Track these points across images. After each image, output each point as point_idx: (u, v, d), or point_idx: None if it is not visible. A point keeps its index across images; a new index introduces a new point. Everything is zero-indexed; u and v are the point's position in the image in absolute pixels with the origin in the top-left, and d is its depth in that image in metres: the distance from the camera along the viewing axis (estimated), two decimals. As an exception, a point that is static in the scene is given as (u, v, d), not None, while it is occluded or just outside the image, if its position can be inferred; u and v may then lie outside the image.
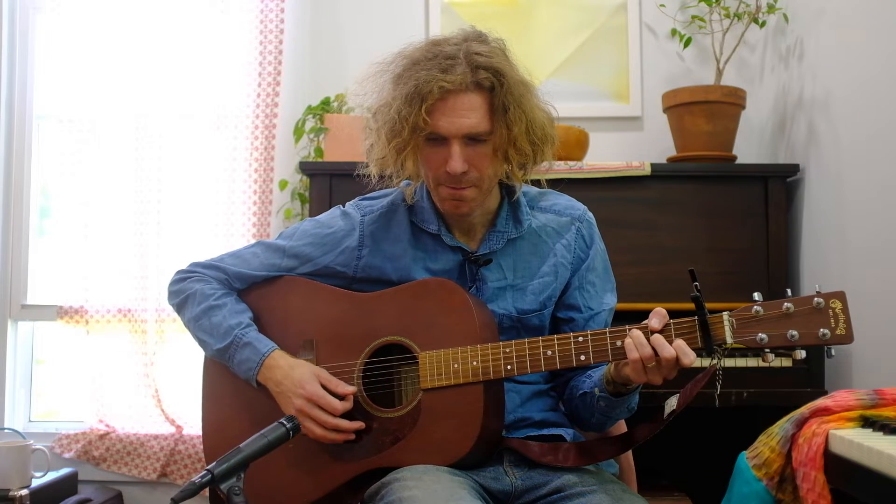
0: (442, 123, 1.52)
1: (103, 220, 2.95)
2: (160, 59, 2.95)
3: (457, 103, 1.52)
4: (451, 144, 1.53)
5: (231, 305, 1.70)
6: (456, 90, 1.51)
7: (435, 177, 1.59)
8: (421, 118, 1.50)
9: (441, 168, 1.56)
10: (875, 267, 2.17)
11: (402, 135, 1.53)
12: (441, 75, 1.50)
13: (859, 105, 2.29)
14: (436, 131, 1.53)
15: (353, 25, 3.04)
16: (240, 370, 1.67)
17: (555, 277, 1.68)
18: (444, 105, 1.51)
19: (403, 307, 1.61)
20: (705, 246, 2.54)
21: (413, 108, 1.50)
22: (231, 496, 1.29)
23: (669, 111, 2.76)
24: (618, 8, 3.02)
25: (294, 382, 1.60)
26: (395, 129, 1.54)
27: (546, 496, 1.52)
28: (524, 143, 1.55)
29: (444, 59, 1.52)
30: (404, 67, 1.55)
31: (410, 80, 1.52)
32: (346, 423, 1.57)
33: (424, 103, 1.50)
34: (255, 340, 1.66)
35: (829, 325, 1.37)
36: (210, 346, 1.70)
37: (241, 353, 1.65)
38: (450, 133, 1.53)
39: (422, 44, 1.59)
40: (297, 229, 1.76)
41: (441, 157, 1.55)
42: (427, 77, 1.50)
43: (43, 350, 3.18)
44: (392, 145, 1.56)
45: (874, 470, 1.11)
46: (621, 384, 1.53)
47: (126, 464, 2.91)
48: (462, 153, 1.53)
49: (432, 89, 1.49)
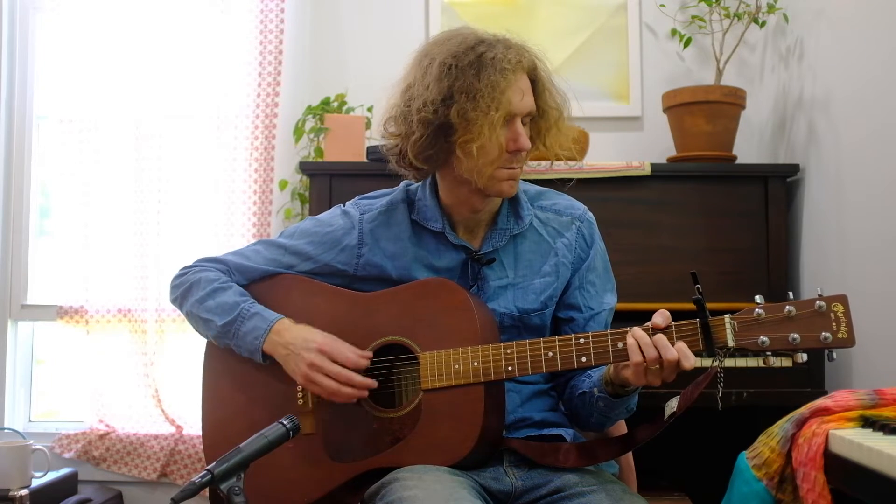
0: (516, 100, 1.54)
1: (103, 220, 2.95)
2: (160, 59, 2.95)
3: (521, 81, 1.56)
4: (517, 122, 1.56)
5: (236, 288, 1.71)
6: (522, 69, 1.55)
7: (493, 160, 1.56)
8: (511, 94, 1.52)
9: (502, 150, 1.55)
10: (875, 267, 2.17)
11: (501, 108, 1.52)
12: (509, 53, 1.53)
13: (859, 105, 2.29)
14: (513, 110, 1.55)
15: (353, 25, 3.04)
16: (245, 342, 1.65)
17: (556, 277, 1.68)
18: (514, 85, 1.54)
19: (404, 307, 1.61)
20: (705, 246, 2.54)
21: (509, 79, 1.52)
22: (231, 496, 1.29)
23: (669, 111, 2.76)
24: (618, 8, 3.02)
25: (305, 338, 1.60)
26: (496, 102, 1.51)
27: (546, 496, 1.52)
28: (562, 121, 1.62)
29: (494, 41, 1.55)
30: (458, 53, 1.54)
31: (486, 59, 1.52)
32: (360, 378, 1.56)
33: (514, 76, 1.53)
34: (263, 311, 1.66)
35: (831, 328, 1.36)
36: (214, 325, 1.68)
37: (247, 323, 1.64)
38: (520, 110, 1.55)
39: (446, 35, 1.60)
40: (297, 228, 1.77)
41: (504, 137, 1.55)
42: (502, 53, 1.52)
43: (43, 350, 3.18)
44: (496, 116, 1.51)
45: (874, 470, 1.12)
46: (620, 386, 1.53)
47: (126, 464, 2.91)
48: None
49: (518, 62, 1.53)
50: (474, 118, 1.51)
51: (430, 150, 1.58)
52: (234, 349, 1.68)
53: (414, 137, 1.57)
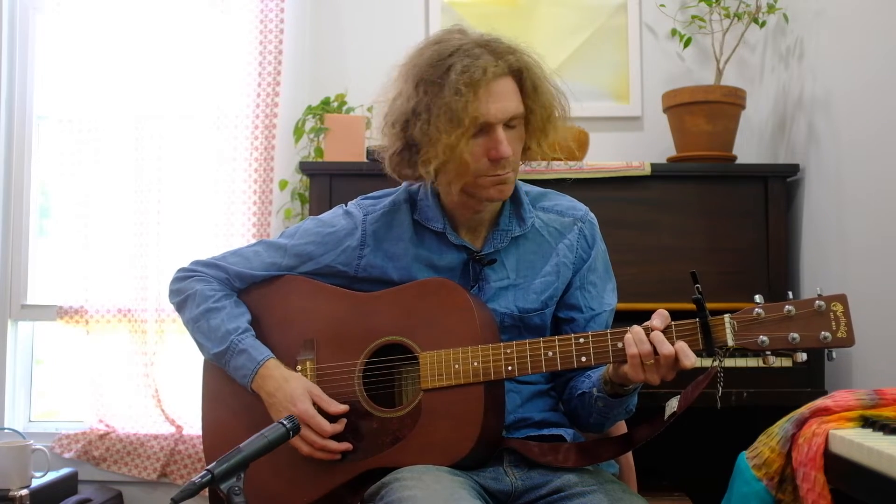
0: (491, 110, 1.52)
1: (103, 220, 2.95)
2: (160, 59, 2.95)
3: (497, 87, 1.52)
4: (496, 130, 1.53)
5: (230, 309, 1.70)
6: (497, 74, 1.52)
7: (476, 168, 1.55)
8: (476, 104, 1.49)
9: (483, 158, 1.54)
10: (875, 267, 2.16)
11: (463, 124, 1.50)
12: (481, 61, 1.50)
13: (859, 105, 2.29)
14: (485, 119, 1.52)
15: (353, 25, 3.04)
16: (235, 375, 1.67)
17: (557, 277, 1.68)
18: (488, 91, 1.51)
19: (404, 307, 1.61)
20: (705, 246, 2.54)
21: (468, 96, 1.49)
22: (231, 496, 1.29)
23: (669, 111, 2.76)
24: (618, 8, 3.02)
25: (286, 397, 1.60)
26: (456, 120, 1.49)
27: (546, 496, 1.52)
28: (556, 118, 1.59)
29: (470, 48, 1.53)
30: (430, 66, 1.53)
31: (450, 73, 1.50)
32: (335, 445, 1.57)
33: (479, 89, 1.49)
34: (251, 348, 1.65)
35: (831, 328, 1.36)
36: (207, 350, 1.70)
37: (236, 359, 1.65)
38: (497, 119, 1.53)
39: (427, 44, 1.58)
40: (298, 228, 1.76)
41: (483, 147, 1.54)
42: (473, 64, 1.49)
43: (43, 350, 3.18)
44: (452, 139, 1.50)
45: (874, 470, 1.12)
46: (619, 384, 1.53)
47: (126, 464, 2.91)
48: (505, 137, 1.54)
49: (483, 74, 1.49)
50: (435, 138, 1.51)
51: (404, 166, 1.60)
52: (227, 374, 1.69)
53: (390, 152, 1.60)
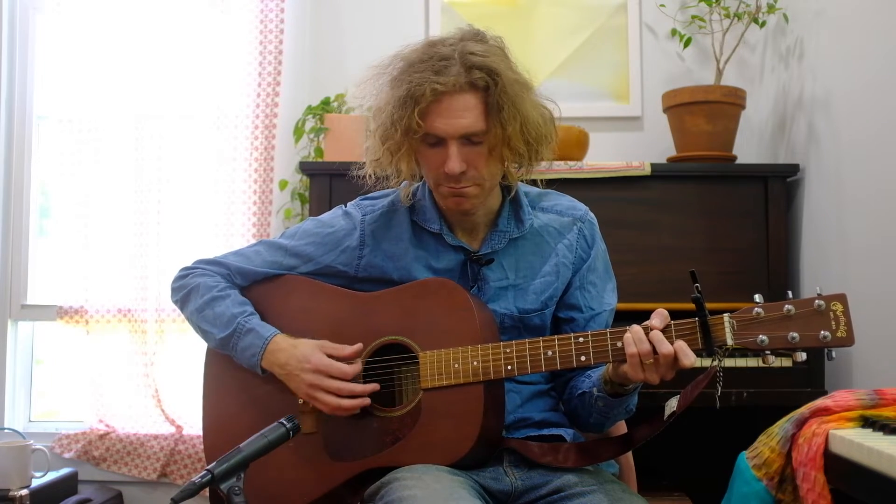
0: (438, 125, 1.53)
1: (103, 220, 2.95)
2: (160, 59, 2.95)
3: (452, 104, 1.52)
4: (449, 145, 1.54)
5: (234, 297, 1.71)
6: (450, 91, 1.51)
7: (435, 177, 1.60)
8: (414, 121, 1.51)
9: (440, 168, 1.56)
10: (875, 267, 2.16)
11: (394, 137, 1.54)
12: (434, 77, 1.50)
13: (859, 105, 2.29)
14: (432, 133, 1.53)
15: (353, 25, 3.04)
16: (243, 357, 1.66)
17: (556, 277, 1.68)
18: (438, 107, 1.52)
19: (404, 307, 1.61)
20: (705, 246, 2.54)
21: (406, 110, 1.51)
22: (231, 496, 1.29)
23: (669, 111, 2.76)
24: (618, 8, 3.02)
25: (299, 359, 1.60)
26: (389, 131, 1.55)
27: (546, 496, 1.52)
28: (518, 142, 1.55)
29: (438, 60, 1.52)
30: (400, 70, 1.56)
31: (404, 83, 1.52)
32: (361, 387, 1.57)
33: (418, 106, 1.50)
34: (258, 326, 1.66)
35: (830, 327, 1.36)
36: (213, 336, 1.69)
37: (244, 339, 1.65)
38: (446, 134, 1.53)
39: (418, 45, 1.60)
40: (298, 229, 1.77)
41: (439, 158, 1.56)
42: (420, 79, 1.50)
43: (43, 350, 3.18)
44: (386, 147, 1.57)
45: (874, 470, 1.12)
46: (619, 384, 1.53)
47: (126, 464, 2.91)
48: (460, 153, 1.54)
49: (425, 92, 1.50)
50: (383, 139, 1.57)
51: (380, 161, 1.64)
52: (235, 360, 1.69)
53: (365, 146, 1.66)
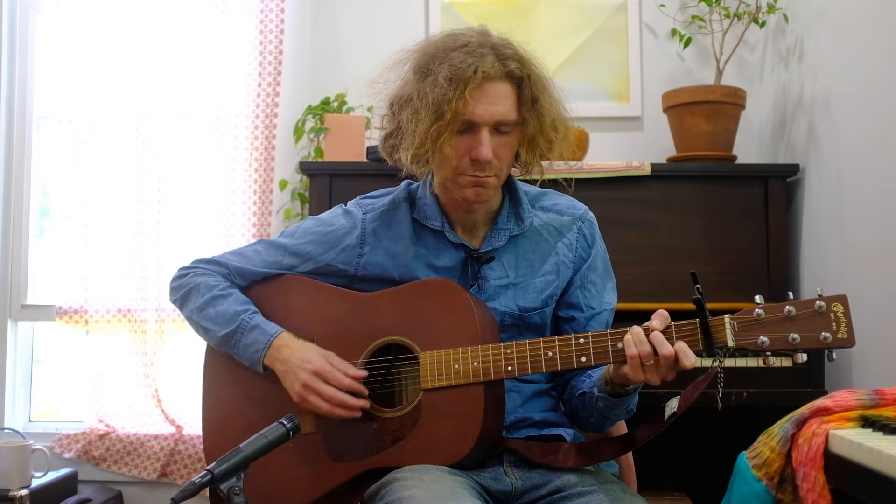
0: (477, 110, 1.53)
1: (103, 220, 2.95)
2: (160, 59, 2.95)
3: (491, 90, 1.53)
4: (481, 131, 1.54)
5: (236, 296, 1.71)
6: (491, 77, 1.53)
7: (458, 165, 1.57)
8: (463, 101, 1.50)
9: (465, 156, 1.56)
10: (875, 267, 2.17)
11: (444, 118, 1.51)
12: (478, 61, 1.51)
13: (859, 105, 2.29)
14: (470, 118, 1.53)
15: (353, 25, 3.04)
16: (245, 354, 1.65)
17: (556, 276, 1.68)
18: (479, 92, 1.52)
19: (404, 307, 1.61)
20: (705, 246, 2.54)
21: (455, 91, 1.50)
22: (231, 496, 1.29)
23: (669, 111, 2.76)
24: (618, 8, 3.02)
25: (301, 359, 1.60)
26: (438, 112, 1.51)
27: (546, 496, 1.52)
28: (546, 136, 1.59)
29: (476, 47, 1.54)
30: (432, 56, 1.55)
31: (445, 66, 1.52)
32: (352, 400, 1.57)
33: (467, 87, 1.50)
34: (263, 323, 1.66)
35: (831, 328, 1.36)
36: (214, 334, 1.69)
37: (247, 336, 1.65)
38: (483, 120, 1.54)
39: (438, 37, 1.61)
40: (298, 227, 1.77)
41: (466, 145, 1.55)
42: (467, 61, 1.51)
43: (42, 350, 3.18)
44: (433, 129, 1.52)
45: (874, 470, 1.12)
46: (619, 384, 1.53)
47: (126, 464, 2.91)
48: (490, 141, 1.54)
49: (474, 73, 1.50)
50: (416, 126, 1.53)
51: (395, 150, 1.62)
52: (235, 357, 1.69)
53: (384, 133, 1.64)
